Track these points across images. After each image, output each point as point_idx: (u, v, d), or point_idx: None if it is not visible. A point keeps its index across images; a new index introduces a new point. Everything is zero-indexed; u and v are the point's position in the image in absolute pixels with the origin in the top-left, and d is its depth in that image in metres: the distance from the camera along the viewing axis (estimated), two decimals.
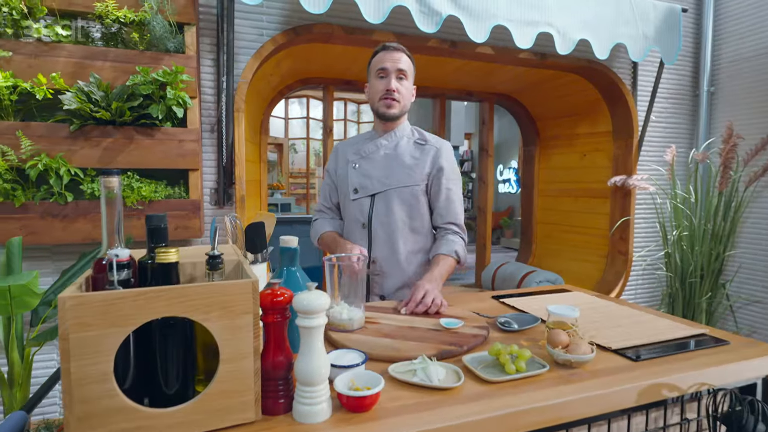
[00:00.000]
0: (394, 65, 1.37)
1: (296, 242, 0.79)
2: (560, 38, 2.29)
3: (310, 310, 0.68)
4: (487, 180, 3.59)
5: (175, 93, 1.79)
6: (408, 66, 1.41)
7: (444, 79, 3.15)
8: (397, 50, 1.40)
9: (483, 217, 3.61)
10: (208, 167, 2.13)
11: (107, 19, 1.76)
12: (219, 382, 0.64)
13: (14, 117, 1.73)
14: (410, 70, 1.42)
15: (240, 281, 0.64)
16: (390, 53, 1.39)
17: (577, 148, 3.29)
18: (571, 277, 3.21)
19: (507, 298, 1.39)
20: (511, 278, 3.17)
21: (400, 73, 1.38)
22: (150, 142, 1.84)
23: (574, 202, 3.33)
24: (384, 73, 1.38)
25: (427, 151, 1.43)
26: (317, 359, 0.69)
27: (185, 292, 0.61)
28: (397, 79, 1.39)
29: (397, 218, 1.39)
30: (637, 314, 1.21)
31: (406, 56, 1.41)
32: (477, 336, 1.00)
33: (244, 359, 0.65)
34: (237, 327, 0.64)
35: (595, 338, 1.01)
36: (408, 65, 1.41)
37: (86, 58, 1.76)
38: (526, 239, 3.78)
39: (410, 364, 0.86)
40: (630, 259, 2.93)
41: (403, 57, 1.40)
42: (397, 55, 1.39)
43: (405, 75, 1.39)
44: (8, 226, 1.71)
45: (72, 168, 1.74)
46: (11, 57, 1.67)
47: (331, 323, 1.06)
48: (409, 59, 1.42)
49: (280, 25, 2.17)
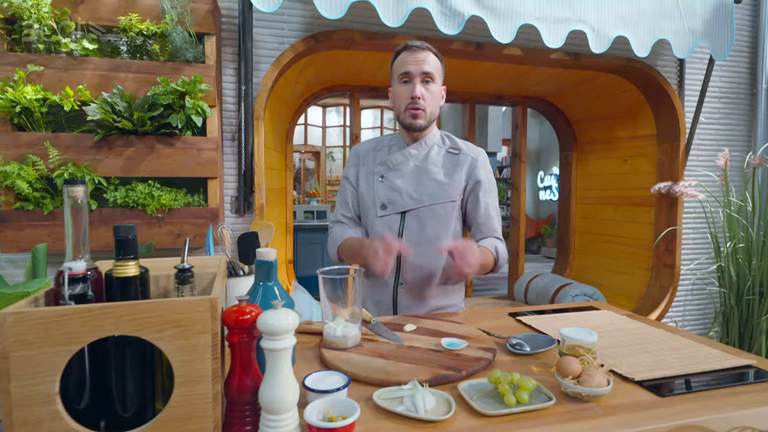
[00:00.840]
0: (418, 68, 1.23)
1: (274, 255, 0.74)
2: (594, 36, 2.15)
3: (275, 330, 0.62)
4: (520, 187, 3.44)
5: (193, 102, 1.81)
6: (435, 67, 1.26)
7: (473, 83, 3.05)
8: (422, 49, 1.25)
9: (516, 225, 3.46)
10: (229, 175, 2.15)
11: (131, 32, 1.81)
12: (173, 407, 0.59)
13: (45, 128, 1.81)
14: (438, 71, 1.28)
15: (196, 298, 0.59)
16: (413, 54, 1.24)
17: (618, 153, 3.08)
18: (611, 291, 3.00)
19: (524, 316, 1.28)
20: (544, 291, 2.99)
21: (425, 77, 1.24)
22: (170, 150, 1.87)
23: (615, 210, 3.11)
24: (408, 78, 1.25)
25: (462, 162, 1.30)
26: (283, 385, 0.63)
27: (135, 309, 0.57)
28: (423, 83, 1.24)
29: (430, 238, 1.27)
30: (674, 339, 1.07)
31: (432, 55, 1.26)
32: (480, 360, 0.91)
33: (201, 383, 0.60)
34: (193, 347, 0.60)
35: (618, 366, 0.90)
36: (435, 66, 1.26)
37: (111, 70, 1.81)
38: (563, 250, 3.57)
39: (398, 390, 0.78)
40: (677, 273, 2.69)
41: (429, 57, 1.25)
42: (421, 55, 1.24)
43: (432, 78, 1.25)
44: (37, 233, 1.77)
45: (96, 177, 1.79)
46: (43, 71, 1.75)
47: (325, 340, 1.00)
48: (436, 58, 1.27)
49: (301, 33, 2.16)
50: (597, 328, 1.15)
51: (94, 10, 1.79)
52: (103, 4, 1.80)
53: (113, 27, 1.82)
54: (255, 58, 2.12)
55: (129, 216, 1.84)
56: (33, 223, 1.77)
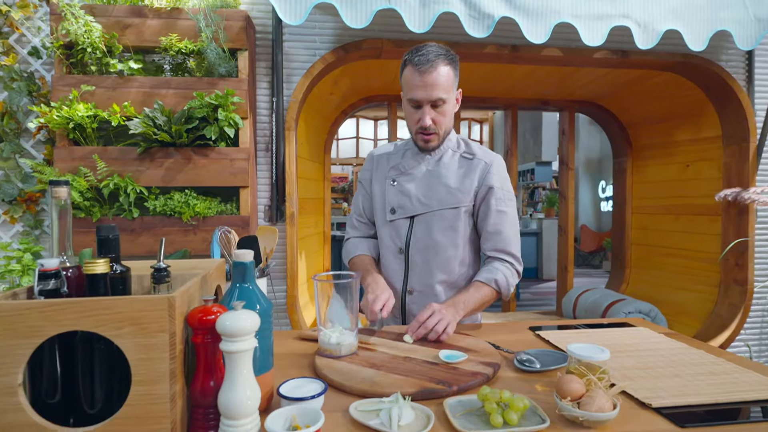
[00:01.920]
0: (427, 95, 1.11)
1: (250, 256, 0.73)
2: (640, 31, 1.99)
3: (232, 332, 0.60)
4: (568, 195, 3.24)
5: (226, 114, 1.89)
6: (447, 85, 1.12)
7: (513, 88, 2.94)
8: (430, 70, 1.10)
9: (564, 236, 3.26)
10: (262, 184, 2.21)
11: (171, 51, 1.93)
12: (130, 405, 0.59)
13: (96, 142, 1.96)
14: (450, 85, 1.14)
15: (154, 296, 0.59)
16: (422, 76, 1.10)
17: (678, 158, 2.82)
18: (671, 309, 2.72)
19: (544, 331, 1.17)
20: (594, 307, 2.78)
21: (437, 102, 1.13)
22: (205, 161, 1.96)
23: (676, 220, 2.84)
24: (416, 104, 1.15)
25: (475, 167, 1.22)
26: (241, 389, 0.61)
27: (94, 305, 0.58)
28: (433, 108, 1.15)
29: (438, 244, 1.22)
30: (716, 362, 0.94)
31: (443, 69, 1.11)
32: (477, 375, 0.84)
33: (158, 382, 0.60)
34: (151, 346, 0.59)
35: (634, 389, 0.79)
36: (447, 84, 1.12)
37: (153, 87, 1.94)
38: (619, 263, 3.31)
39: (378, 403, 0.73)
40: (750, 289, 2.39)
41: (438, 78, 1.10)
42: (430, 78, 1.10)
43: (443, 101, 1.14)
44: (87, 239, 1.92)
45: (137, 187, 1.91)
46: (94, 90, 1.90)
47: (319, 347, 0.97)
48: (448, 69, 1.13)
49: (332, 45, 2.19)
50: (625, 347, 1.03)
51: (139, 33, 1.93)
52: (147, 27, 1.93)
53: (156, 47, 1.95)
54: (288, 71, 2.18)
55: (167, 223, 1.94)
56: (83, 229, 1.91)
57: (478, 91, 2.99)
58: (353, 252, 1.35)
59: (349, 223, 1.41)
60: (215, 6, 1.96)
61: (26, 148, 2.05)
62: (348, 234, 1.41)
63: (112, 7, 1.92)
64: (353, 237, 1.40)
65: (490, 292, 1.20)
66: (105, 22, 1.91)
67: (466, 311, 1.13)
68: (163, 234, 1.94)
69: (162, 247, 0.74)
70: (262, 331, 0.74)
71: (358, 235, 1.41)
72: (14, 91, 1.99)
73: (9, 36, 2.01)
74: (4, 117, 1.99)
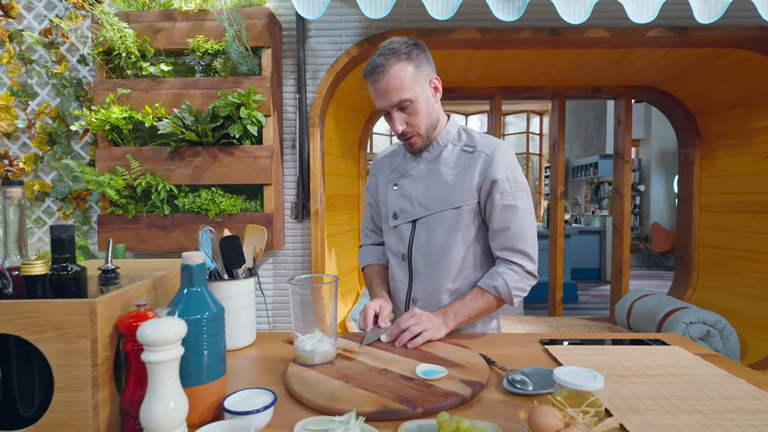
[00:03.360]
0: (387, 102, 1.04)
1: (199, 258, 0.70)
2: (699, 2, 1.74)
3: (151, 341, 0.57)
4: (623, 191, 2.95)
5: (248, 113, 1.90)
6: (406, 87, 1.02)
7: (560, 75, 2.72)
8: (381, 75, 1.01)
9: (619, 236, 2.97)
10: (289, 181, 2.21)
11: (198, 52, 1.97)
12: (53, 412, 0.58)
13: (133, 143, 2.06)
14: (412, 85, 1.03)
15: (75, 301, 0.57)
16: (375, 84, 1.03)
17: (755, 148, 2.46)
18: (744, 321, 2.39)
19: (556, 345, 1.04)
20: (650, 315, 2.51)
21: (399, 105, 1.04)
22: (230, 159, 1.99)
23: (752, 219, 2.48)
24: (384, 112, 1.08)
25: (475, 160, 1.10)
26: (163, 401, 0.58)
27: (15, 308, 0.57)
28: (400, 111, 1.05)
29: (440, 248, 1.12)
30: (756, 396, 0.77)
31: (396, 75, 1.01)
32: (450, 395, 0.75)
33: (81, 390, 0.58)
34: (72, 352, 0.57)
35: (639, 426, 0.66)
36: (405, 86, 1.02)
37: (183, 88, 2.00)
38: (684, 267, 2.97)
39: (328, 422, 0.67)
40: None
41: (391, 83, 1.01)
42: (383, 84, 1.02)
43: (407, 100, 1.03)
44: (124, 234, 2.02)
45: (168, 185, 1.98)
46: (130, 93, 2.00)
47: (295, 354, 0.92)
48: (404, 69, 1.02)
49: (357, 38, 2.14)
50: (644, 370, 0.88)
51: (169, 36, 2.00)
52: (176, 29, 2.00)
53: (184, 49, 2.01)
54: (314, 66, 2.17)
55: (196, 220, 2.00)
56: (121, 225, 2.02)
57: (521, 80, 2.80)
58: (363, 261, 1.33)
59: (362, 231, 1.38)
60: (239, 5, 1.98)
61: (76, 150, 2.20)
62: (362, 241, 1.38)
63: (144, 12, 2.00)
64: (365, 245, 1.37)
65: (490, 300, 1.09)
66: (138, 27, 2.00)
67: (458, 321, 1.03)
68: (191, 231, 2.00)
69: (110, 247, 0.73)
70: (212, 336, 0.70)
71: (370, 243, 1.37)
72: (65, 97, 2.14)
73: (61, 46, 2.17)
74: (56, 121, 2.16)
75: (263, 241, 1.10)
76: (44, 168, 2.23)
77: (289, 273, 2.23)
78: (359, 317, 1.10)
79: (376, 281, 1.26)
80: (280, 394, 0.80)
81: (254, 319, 1.09)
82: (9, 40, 2.14)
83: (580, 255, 6.62)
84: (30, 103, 2.18)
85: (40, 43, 2.12)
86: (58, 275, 0.70)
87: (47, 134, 2.17)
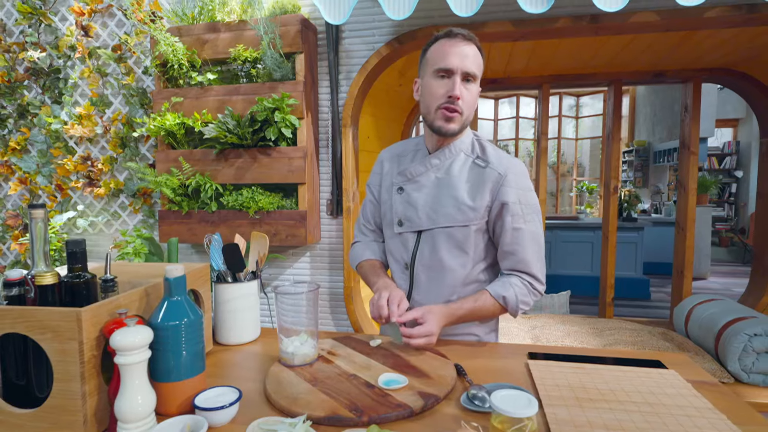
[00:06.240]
0: (462, 64, 1.04)
1: (179, 271, 0.80)
2: None
3: (122, 347, 0.68)
4: (688, 186, 2.69)
5: (282, 116, 2.02)
6: (479, 66, 1.08)
7: (614, 61, 2.52)
8: (467, 40, 1.06)
9: (681, 235, 2.73)
10: (325, 179, 2.32)
11: (238, 60, 2.12)
12: (53, 397, 0.71)
13: (186, 146, 2.28)
14: (480, 71, 1.09)
15: (66, 309, 0.70)
16: (457, 45, 1.05)
17: None
18: None
19: (540, 360, 1.03)
20: (710, 323, 2.29)
21: (468, 76, 1.06)
22: (268, 160, 2.13)
23: None
24: (447, 73, 1.06)
25: (487, 179, 1.09)
26: (131, 397, 0.69)
27: (23, 313, 0.71)
28: (464, 82, 1.07)
29: (444, 265, 1.13)
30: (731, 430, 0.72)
31: (477, 49, 1.08)
32: (400, 407, 0.79)
33: (72, 381, 0.71)
34: (65, 351, 0.70)
35: None
36: (479, 64, 1.08)
37: (226, 95, 2.16)
38: (761, 270, 2.65)
39: (278, 423, 0.75)
40: None
41: (473, 51, 1.06)
42: (467, 48, 1.05)
43: (474, 78, 1.07)
44: (179, 228, 2.26)
45: (214, 184, 2.17)
46: (182, 101, 2.21)
47: (279, 355, 1.01)
48: (479, 54, 1.09)
49: (389, 37, 2.16)
50: (620, 395, 0.85)
51: (214, 47, 2.17)
52: (220, 40, 2.16)
53: (227, 58, 2.17)
54: (348, 68, 2.23)
55: (238, 216, 2.18)
56: (177, 220, 2.26)
57: (569, 67, 2.64)
58: (360, 256, 1.30)
59: (357, 228, 1.37)
60: (274, 13, 2.09)
61: (143, 152, 2.48)
62: (355, 238, 1.38)
63: (193, 26, 2.19)
64: (360, 242, 1.35)
65: (496, 307, 1.11)
66: (188, 40, 2.19)
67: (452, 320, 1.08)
68: (235, 226, 2.18)
69: (108, 260, 0.86)
70: (190, 339, 0.81)
71: (368, 241, 1.34)
72: (132, 105, 2.42)
73: (129, 59, 2.44)
74: (125, 127, 2.45)
75: (266, 247, 1.20)
76: (118, 168, 2.55)
77: (325, 266, 2.35)
78: (370, 306, 1.12)
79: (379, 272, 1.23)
80: (260, 391, 0.90)
81: (258, 317, 1.20)
82: (89, 56, 2.45)
83: (656, 248, 6.11)
84: (106, 111, 2.49)
85: (112, 58, 2.40)
86: (72, 282, 0.84)
87: (119, 139, 2.47)
